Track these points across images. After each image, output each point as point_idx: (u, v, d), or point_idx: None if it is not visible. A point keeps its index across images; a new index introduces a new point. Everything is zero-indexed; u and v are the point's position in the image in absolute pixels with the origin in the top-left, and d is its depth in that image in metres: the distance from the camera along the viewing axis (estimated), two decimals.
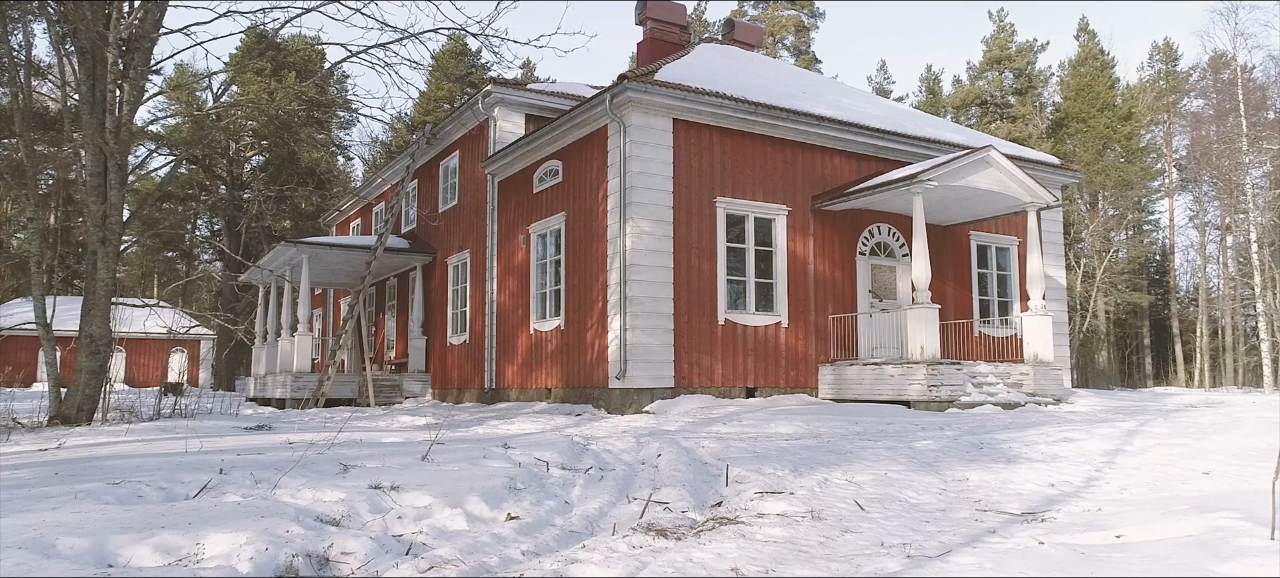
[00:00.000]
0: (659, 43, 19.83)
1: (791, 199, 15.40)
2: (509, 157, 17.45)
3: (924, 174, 13.77)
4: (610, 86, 13.84)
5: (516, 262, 17.42)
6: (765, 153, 15.21)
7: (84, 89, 8.38)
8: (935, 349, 13.46)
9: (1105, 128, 44.84)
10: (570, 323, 15.43)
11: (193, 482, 4.56)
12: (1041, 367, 14.86)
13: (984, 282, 17.96)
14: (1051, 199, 15.34)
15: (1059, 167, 19.02)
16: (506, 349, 17.61)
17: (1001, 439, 8.92)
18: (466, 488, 4.55)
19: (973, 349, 17.18)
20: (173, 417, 9.46)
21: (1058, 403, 14.76)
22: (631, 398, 13.51)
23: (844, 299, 15.79)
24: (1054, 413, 12.61)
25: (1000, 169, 14.71)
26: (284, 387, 20.29)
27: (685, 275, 14.15)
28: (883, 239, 16.47)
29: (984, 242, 17.89)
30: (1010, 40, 50.02)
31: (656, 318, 13.73)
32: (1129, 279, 47.28)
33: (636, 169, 13.83)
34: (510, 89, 18.54)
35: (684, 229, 14.21)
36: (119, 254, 8.62)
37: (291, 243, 20.65)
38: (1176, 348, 51.82)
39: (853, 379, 14.46)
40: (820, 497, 5.06)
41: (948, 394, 13.25)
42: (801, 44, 47.90)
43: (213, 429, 8.38)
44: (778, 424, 10.86)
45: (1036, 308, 15.16)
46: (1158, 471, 6.09)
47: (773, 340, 14.89)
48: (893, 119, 17.48)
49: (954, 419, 11.77)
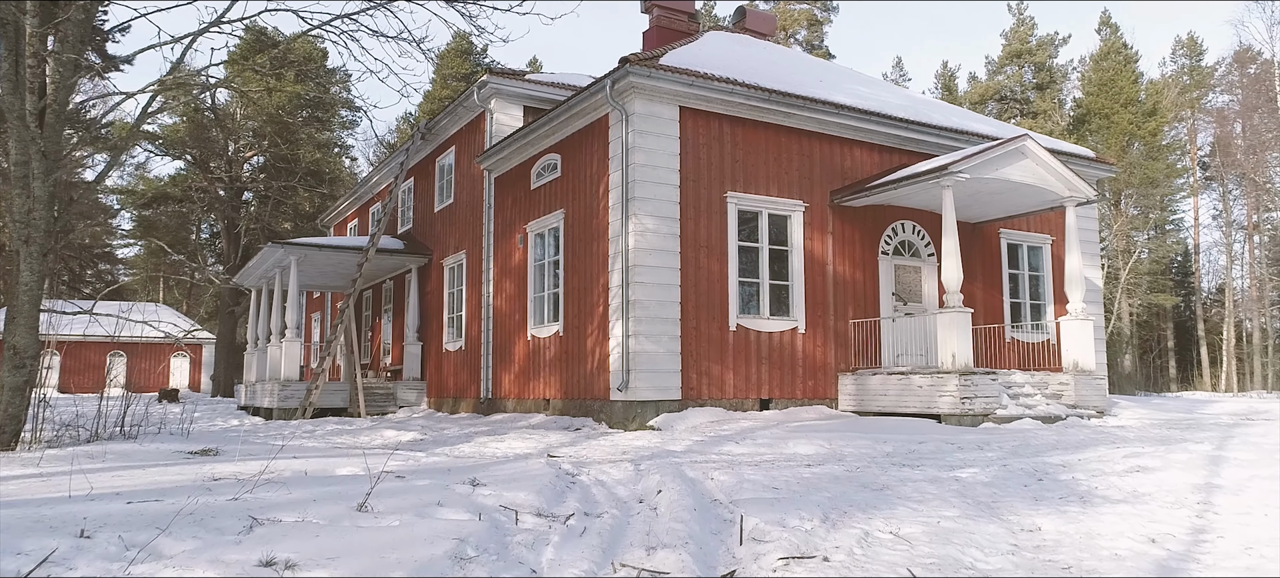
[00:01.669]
0: (666, 31, 18.68)
1: (808, 194, 14.23)
2: (505, 151, 16.34)
3: (955, 166, 12.58)
4: (612, 71, 12.70)
5: (514, 263, 16.31)
6: (780, 144, 14.05)
7: (5, 65, 7.32)
8: (968, 357, 12.26)
9: (1129, 124, 43.40)
10: (569, 329, 14.30)
11: (34, 551, 3.45)
12: (1082, 376, 13.64)
13: (1015, 283, 16.73)
14: (1090, 193, 14.12)
15: (1094, 160, 17.76)
16: (503, 357, 16.50)
17: (1057, 465, 7.74)
18: (394, 560, 3.42)
19: (1004, 356, 15.95)
20: (113, 439, 8.39)
21: (1100, 415, 13.54)
22: (635, 411, 12.37)
23: (865, 302, 14.60)
24: (1102, 429, 11.39)
25: (1036, 160, 13.51)
26: (272, 396, 19.24)
27: (693, 277, 13.00)
28: (907, 237, 15.27)
29: (1015, 240, 16.67)
30: (1030, 34, 48.62)
31: (662, 324, 12.57)
32: (1153, 280, 45.80)
33: (640, 161, 12.69)
34: (507, 80, 17.43)
35: (692, 226, 13.06)
36: (47, 254, 7.55)
37: (278, 244, 19.61)
38: (1201, 351, 50.29)
39: (876, 390, 13.28)
40: (863, 563, 3.91)
41: (982, 407, 12.05)
42: (814, 38, 46.65)
43: (148, 456, 7.29)
44: (797, 443, 9.70)
45: (1076, 311, 13.94)
46: (1276, 518, 4.90)
47: (789, 347, 13.72)
48: (915, 109, 16.28)
49: (992, 436, 10.58)
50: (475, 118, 18.29)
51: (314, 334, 30.27)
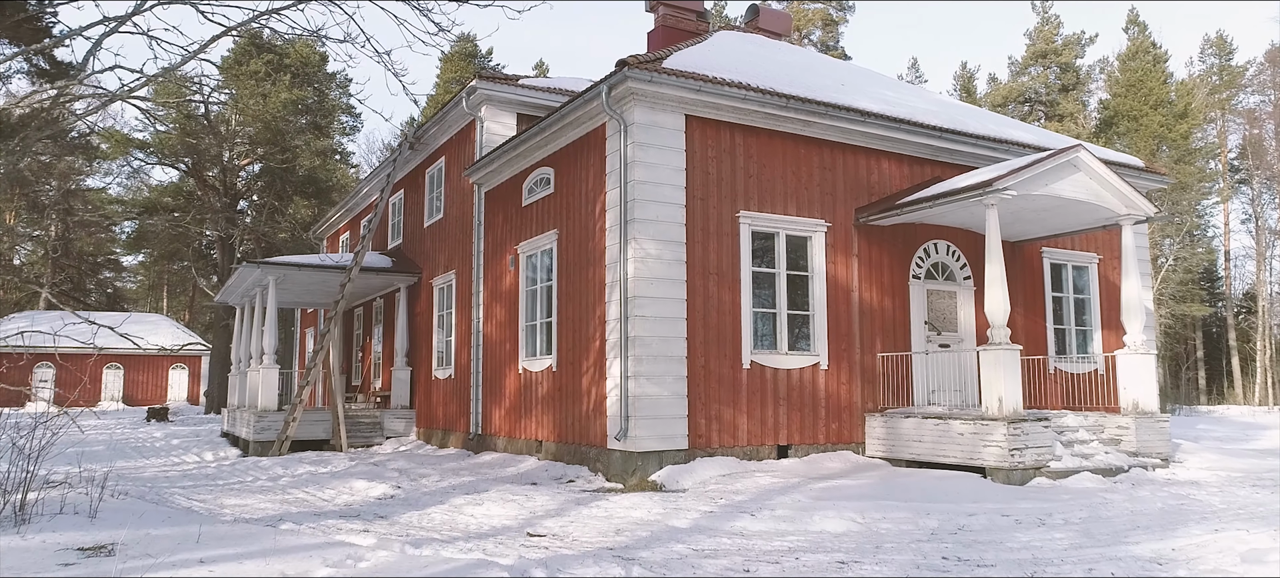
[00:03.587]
0: (672, 31, 17.15)
1: (831, 212, 12.69)
2: (495, 163, 14.85)
3: (1000, 181, 11.00)
4: (608, 76, 11.19)
5: (505, 287, 14.82)
6: (799, 156, 12.51)
7: None
8: (1017, 401, 10.68)
9: (1160, 126, 41.55)
10: (563, 364, 12.79)
11: None
12: (1144, 418, 12.03)
13: (1058, 306, 15.12)
14: (1150, 209, 12.51)
15: (1144, 170, 16.11)
16: (494, 389, 15.01)
17: (1148, 559, 6.22)
18: None
19: (1049, 390, 14.35)
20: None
21: (1165, 463, 11.94)
22: (635, 463, 10.84)
23: (895, 333, 13.03)
24: (1179, 492, 9.77)
25: (1090, 174, 11.91)
26: (248, 427, 17.81)
27: (701, 308, 11.46)
28: (941, 259, 13.70)
29: (1058, 259, 15.05)
30: (1056, 33, 46.80)
31: (666, 363, 11.04)
32: (1184, 290, 43.90)
33: (640, 177, 11.17)
34: (499, 85, 15.94)
35: (700, 250, 11.53)
36: None
37: (256, 263, 18.19)
38: (1233, 361, 48.34)
39: (910, 435, 11.70)
40: None
41: (1033, 460, 10.48)
42: (829, 38, 45.01)
43: (12, 557, 5.82)
44: (824, 515, 8.19)
45: (1135, 344, 12.33)
46: None
47: (810, 386, 12.16)
48: (949, 115, 14.69)
49: (1052, 502, 9.01)
50: (466, 126, 16.82)
51: (308, 349, 28.87)
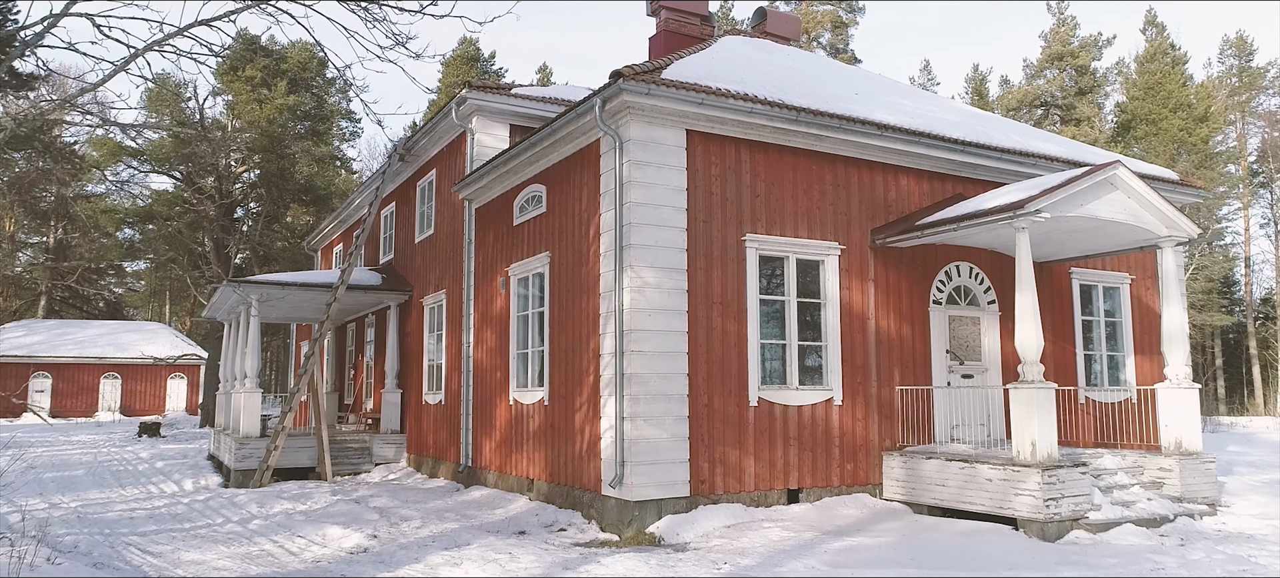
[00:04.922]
0: (675, 36, 16.22)
1: (845, 233, 11.71)
2: (485, 178, 13.93)
3: (1032, 202, 10.00)
4: (602, 88, 10.24)
5: (496, 310, 13.89)
6: (810, 173, 11.54)
7: None
8: (1052, 445, 9.68)
9: (1180, 130, 40.38)
10: (556, 398, 11.85)
11: None
12: (1187, 459, 11.02)
13: (1088, 330, 14.10)
14: (1193, 230, 11.50)
15: (1178, 183, 15.07)
16: (484, 419, 14.08)
17: None
18: None
19: (1079, 424, 13.34)
20: None
21: (1213, 510, 10.91)
22: (631, 513, 9.88)
23: (914, 364, 12.04)
24: (1238, 551, 8.75)
25: (1129, 193, 10.91)
26: (230, 453, 16.92)
27: (704, 341, 10.49)
28: (963, 282, 12.70)
29: (1088, 280, 14.04)
30: (1072, 34, 45.65)
31: (665, 402, 10.08)
32: (1205, 299, 42.71)
33: (637, 199, 10.22)
34: (490, 95, 15.01)
35: (702, 278, 10.57)
36: None
37: (236, 283, 17.29)
38: (1254, 370, 47.10)
39: (932, 478, 10.72)
40: None
41: (1070, 510, 9.48)
42: (839, 41, 43.97)
43: None
44: None
45: (1177, 377, 11.32)
46: None
47: (822, 423, 11.19)
48: (972, 127, 13.70)
49: (1097, 569, 8.02)
50: (456, 138, 15.90)
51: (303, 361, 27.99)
